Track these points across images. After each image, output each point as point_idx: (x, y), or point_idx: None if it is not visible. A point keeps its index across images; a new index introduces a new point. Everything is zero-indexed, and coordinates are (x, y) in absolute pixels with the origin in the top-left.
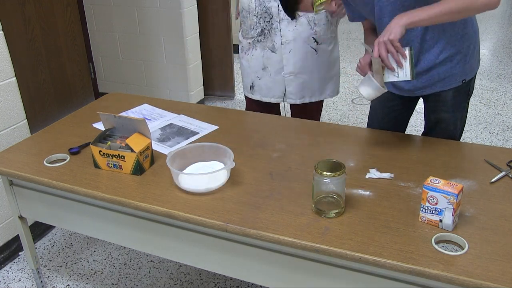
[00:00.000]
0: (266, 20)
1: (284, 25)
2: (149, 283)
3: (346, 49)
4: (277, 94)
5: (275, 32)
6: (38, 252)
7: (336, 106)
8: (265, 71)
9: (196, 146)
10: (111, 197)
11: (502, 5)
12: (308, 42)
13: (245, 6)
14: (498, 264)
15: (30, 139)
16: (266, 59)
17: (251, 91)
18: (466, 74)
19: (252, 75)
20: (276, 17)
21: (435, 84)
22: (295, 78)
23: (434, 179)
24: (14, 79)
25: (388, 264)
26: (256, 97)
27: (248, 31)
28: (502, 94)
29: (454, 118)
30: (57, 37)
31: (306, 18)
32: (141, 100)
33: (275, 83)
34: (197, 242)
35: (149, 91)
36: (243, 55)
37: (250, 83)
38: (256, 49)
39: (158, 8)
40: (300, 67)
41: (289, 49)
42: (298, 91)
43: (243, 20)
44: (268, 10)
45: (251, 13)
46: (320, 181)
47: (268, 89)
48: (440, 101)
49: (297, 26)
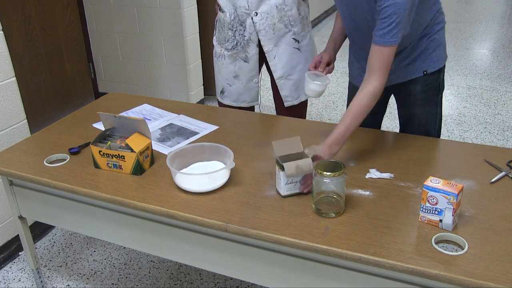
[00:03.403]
0: (240, 33)
1: (262, 35)
2: (149, 283)
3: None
4: (248, 99)
5: (248, 44)
6: (38, 252)
7: (336, 106)
8: (237, 79)
9: (196, 146)
10: (111, 197)
11: (502, 5)
12: (289, 43)
13: (220, 18)
14: (498, 264)
15: (30, 139)
16: (238, 68)
17: (221, 95)
18: (428, 66)
19: (223, 82)
20: (250, 30)
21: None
22: (286, 81)
23: (434, 179)
24: (14, 79)
25: (388, 264)
26: (226, 102)
27: (223, 42)
28: (502, 94)
29: (425, 112)
30: (57, 37)
31: (283, 22)
32: (141, 100)
33: (246, 89)
34: (197, 242)
35: (149, 91)
36: (215, 60)
37: (220, 88)
38: (228, 59)
39: (158, 8)
40: (288, 70)
41: (273, 56)
42: (292, 92)
43: (219, 29)
44: (243, 23)
45: (226, 27)
46: (320, 181)
47: (239, 95)
48: (410, 95)
49: (276, 32)
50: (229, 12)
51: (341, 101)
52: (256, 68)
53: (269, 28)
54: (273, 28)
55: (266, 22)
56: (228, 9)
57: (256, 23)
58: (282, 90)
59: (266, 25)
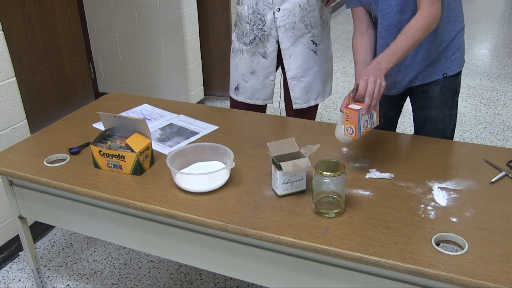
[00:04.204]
0: (259, 27)
1: (281, 32)
2: (149, 283)
3: (346, 49)
4: (262, 97)
5: (268, 39)
6: (38, 252)
7: (336, 106)
8: (253, 75)
9: (196, 146)
10: (111, 197)
11: (502, 5)
12: (307, 45)
13: (238, 11)
14: (498, 264)
15: (30, 139)
16: (256, 64)
17: (235, 92)
18: (448, 68)
19: (239, 78)
20: (270, 25)
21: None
22: (298, 82)
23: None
24: (14, 79)
25: (388, 264)
26: (240, 98)
27: (241, 36)
28: (502, 94)
29: (443, 115)
30: (57, 37)
31: (304, 22)
32: (141, 100)
33: (262, 86)
34: (197, 242)
35: (149, 91)
36: (233, 55)
37: (235, 84)
38: (246, 53)
39: (158, 8)
40: (302, 71)
41: (289, 55)
42: (303, 95)
43: (237, 24)
44: (262, 18)
45: (244, 21)
46: (320, 181)
47: (254, 92)
48: (428, 97)
49: (295, 31)
50: (248, 5)
51: (341, 101)
52: (273, 65)
53: (289, 26)
54: (293, 26)
55: (287, 19)
56: (247, 2)
57: (277, 19)
58: (293, 91)
59: (286, 23)
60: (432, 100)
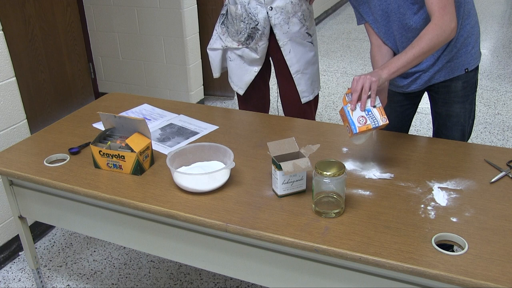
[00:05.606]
0: (252, 26)
1: (277, 29)
2: (149, 283)
3: (346, 49)
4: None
5: (261, 38)
6: (38, 252)
7: (336, 106)
8: (241, 59)
9: (196, 146)
10: (111, 197)
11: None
12: (304, 38)
13: (231, 11)
14: (498, 264)
15: (30, 139)
16: (247, 54)
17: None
18: (469, 63)
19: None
20: (264, 23)
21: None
22: (303, 75)
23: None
24: (14, 79)
25: (388, 264)
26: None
27: (235, 35)
28: (502, 94)
29: (465, 110)
30: (57, 37)
31: (297, 17)
32: (141, 100)
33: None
34: (197, 242)
35: (149, 91)
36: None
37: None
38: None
39: (158, 8)
40: (305, 64)
41: (288, 50)
42: (308, 87)
43: (230, 23)
44: (253, 17)
45: (238, 19)
46: (320, 181)
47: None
48: (451, 92)
49: (290, 26)
50: (241, 4)
51: (341, 101)
52: (262, 58)
53: (284, 22)
54: (288, 22)
55: (281, 16)
56: (240, 1)
57: (272, 17)
58: (299, 85)
59: (281, 19)
60: (455, 95)
